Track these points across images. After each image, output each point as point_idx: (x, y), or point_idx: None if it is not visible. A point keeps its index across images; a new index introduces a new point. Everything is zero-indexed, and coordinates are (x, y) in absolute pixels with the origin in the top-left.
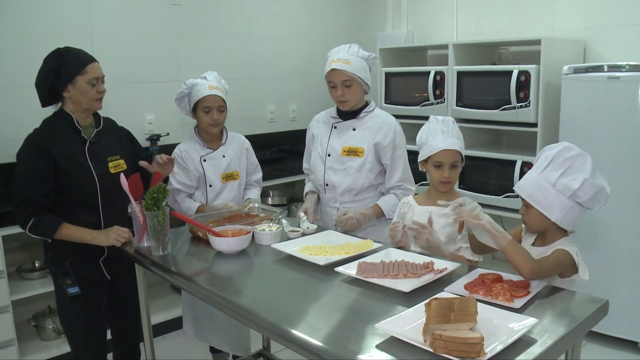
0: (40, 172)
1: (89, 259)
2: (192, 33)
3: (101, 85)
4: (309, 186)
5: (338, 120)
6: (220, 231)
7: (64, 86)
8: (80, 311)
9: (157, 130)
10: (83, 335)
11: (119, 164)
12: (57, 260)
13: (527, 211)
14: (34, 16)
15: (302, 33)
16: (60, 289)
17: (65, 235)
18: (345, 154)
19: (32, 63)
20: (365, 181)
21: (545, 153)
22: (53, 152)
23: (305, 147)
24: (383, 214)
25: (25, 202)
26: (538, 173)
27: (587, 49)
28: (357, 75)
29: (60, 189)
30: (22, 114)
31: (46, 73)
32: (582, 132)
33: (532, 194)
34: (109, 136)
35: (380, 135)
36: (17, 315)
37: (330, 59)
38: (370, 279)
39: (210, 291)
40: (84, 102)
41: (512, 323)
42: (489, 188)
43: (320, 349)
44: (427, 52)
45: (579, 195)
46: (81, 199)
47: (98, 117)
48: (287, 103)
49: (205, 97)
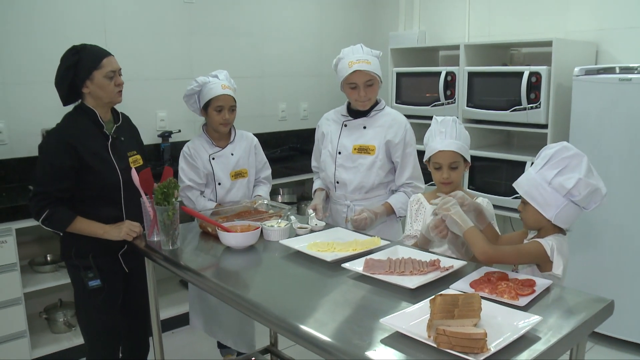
0: (62, 168)
1: (109, 251)
2: (205, 31)
3: (119, 78)
4: (317, 183)
5: (348, 119)
6: (229, 227)
7: (83, 82)
8: (100, 303)
9: (169, 127)
10: (101, 328)
11: (136, 159)
12: (80, 254)
13: (524, 208)
14: (49, 15)
15: (314, 32)
16: (79, 281)
17: (77, 228)
18: (356, 151)
19: (46, 60)
20: (375, 179)
21: (544, 152)
22: (79, 148)
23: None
24: (394, 212)
25: (41, 195)
26: (536, 171)
27: (599, 50)
28: (377, 74)
29: (84, 184)
30: (37, 111)
31: (64, 71)
32: (593, 133)
33: (528, 191)
34: (126, 132)
35: (391, 133)
36: (29, 307)
37: (348, 60)
38: (377, 276)
39: (219, 285)
40: (104, 96)
41: (516, 320)
42: (499, 189)
43: (326, 343)
44: (439, 53)
45: (574, 194)
46: (105, 194)
47: (116, 113)
48: (298, 102)
49: (218, 97)
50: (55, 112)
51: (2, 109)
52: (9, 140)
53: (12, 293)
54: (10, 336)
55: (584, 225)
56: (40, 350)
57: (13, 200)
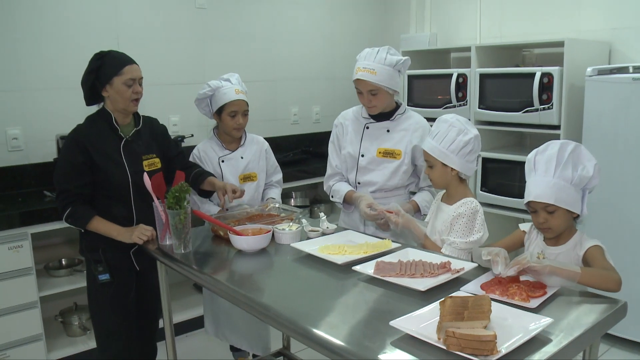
0: (76, 165)
1: (120, 248)
2: (217, 36)
3: (137, 86)
4: (345, 185)
5: (371, 121)
6: (241, 230)
7: (103, 86)
8: (110, 297)
9: (182, 132)
10: (110, 322)
11: (154, 162)
12: (91, 247)
13: (551, 216)
14: (63, 22)
15: (326, 36)
16: (92, 275)
17: (95, 227)
18: (381, 155)
19: (61, 67)
20: (399, 182)
21: (544, 156)
22: (89, 147)
23: (328, 147)
24: (419, 210)
25: (63, 193)
26: (552, 176)
27: (612, 50)
28: (382, 85)
29: (95, 183)
30: (52, 117)
31: (87, 74)
32: (606, 134)
33: (558, 197)
34: (147, 135)
35: (416, 137)
36: (44, 311)
37: (357, 65)
38: (388, 278)
39: (231, 288)
40: (120, 102)
41: (527, 322)
42: (512, 191)
43: (338, 346)
44: (450, 55)
45: (593, 181)
46: (114, 194)
47: (138, 117)
48: (310, 105)
49: (232, 102)
50: (70, 118)
51: (17, 115)
52: (24, 146)
53: (29, 297)
54: (27, 339)
55: (597, 225)
56: (56, 354)
57: (29, 205)
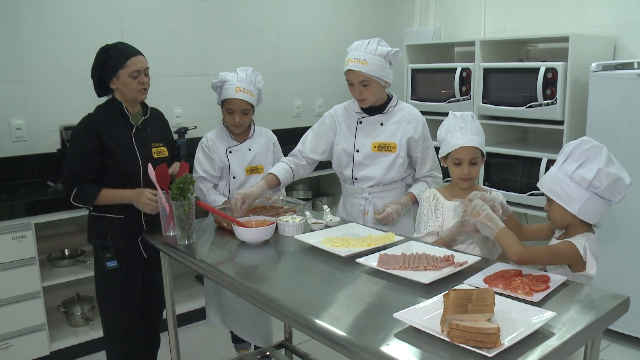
0: (87, 152)
1: (128, 235)
2: (221, 28)
3: (143, 77)
4: (277, 167)
5: (363, 115)
6: (245, 222)
7: (110, 79)
8: (117, 284)
9: (185, 124)
10: (117, 308)
11: (161, 150)
12: (100, 234)
13: (550, 206)
14: (67, 14)
15: (330, 29)
16: (100, 261)
17: (104, 199)
18: (376, 149)
19: (65, 58)
20: (396, 175)
21: (565, 149)
22: (102, 135)
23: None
24: (417, 202)
25: (70, 177)
26: (557, 168)
27: (617, 45)
28: (373, 75)
29: (107, 169)
30: (55, 108)
31: (94, 68)
32: (610, 130)
33: (551, 188)
34: (154, 125)
35: (410, 129)
36: (47, 301)
37: (348, 57)
38: (391, 271)
39: (234, 279)
40: (128, 93)
41: (530, 316)
42: (515, 185)
43: (341, 337)
44: (454, 49)
45: (595, 185)
46: (125, 180)
47: (145, 107)
48: (313, 98)
49: (229, 100)
50: (74, 109)
51: (21, 106)
52: (28, 136)
53: (32, 287)
54: (29, 329)
55: (601, 221)
56: (59, 343)
57: (32, 195)
